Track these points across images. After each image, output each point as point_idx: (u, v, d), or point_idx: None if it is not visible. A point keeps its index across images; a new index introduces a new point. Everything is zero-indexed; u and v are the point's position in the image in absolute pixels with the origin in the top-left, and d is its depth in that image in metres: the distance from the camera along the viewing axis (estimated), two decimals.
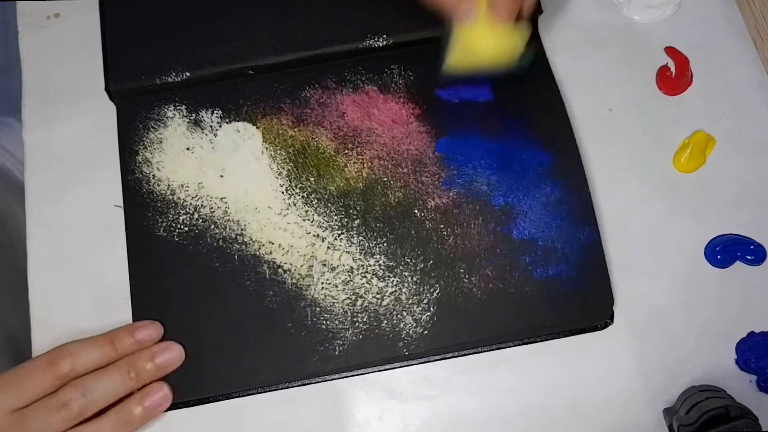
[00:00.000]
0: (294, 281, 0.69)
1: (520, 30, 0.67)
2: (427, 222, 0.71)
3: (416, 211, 0.71)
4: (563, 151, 0.72)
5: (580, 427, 0.68)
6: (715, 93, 0.76)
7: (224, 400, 0.68)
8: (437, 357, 0.69)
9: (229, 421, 0.68)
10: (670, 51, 0.77)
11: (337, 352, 0.68)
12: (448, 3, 0.64)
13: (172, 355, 0.67)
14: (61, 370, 0.63)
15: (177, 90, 0.75)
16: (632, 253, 0.72)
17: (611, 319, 0.69)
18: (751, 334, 0.70)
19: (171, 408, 0.67)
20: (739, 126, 0.75)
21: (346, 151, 0.73)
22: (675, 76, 0.76)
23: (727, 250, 0.71)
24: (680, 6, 0.78)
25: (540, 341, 0.69)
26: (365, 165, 0.72)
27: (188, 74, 0.74)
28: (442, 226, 0.70)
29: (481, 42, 0.67)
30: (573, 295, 0.69)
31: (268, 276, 0.70)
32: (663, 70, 0.76)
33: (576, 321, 0.69)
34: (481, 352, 0.69)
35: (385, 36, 0.74)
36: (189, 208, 0.72)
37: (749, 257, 0.71)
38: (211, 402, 0.68)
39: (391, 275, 0.69)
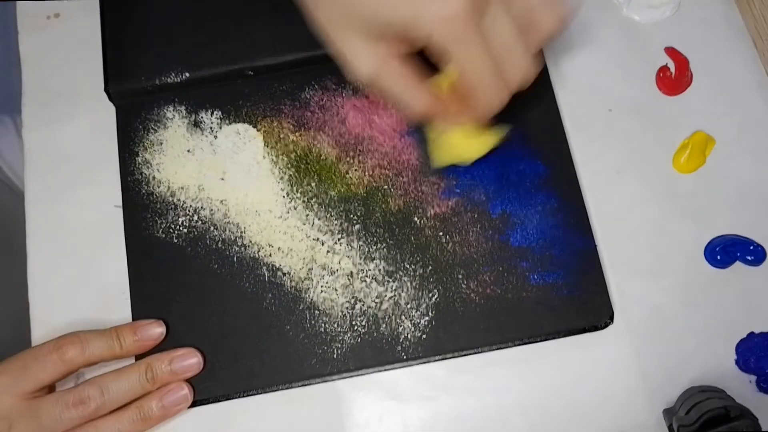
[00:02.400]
0: (293, 284, 0.70)
1: (498, 126, 0.68)
2: (426, 229, 0.71)
3: (416, 218, 0.71)
4: (558, 162, 0.73)
5: (580, 427, 0.68)
6: (715, 93, 0.76)
7: (224, 400, 0.68)
8: (437, 357, 0.69)
9: (229, 422, 0.68)
10: (670, 51, 0.76)
11: (335, 355, 0.68)
12: (424, 108, 0.63)
13: (191, 362, 0.68)
14: (68, 354, 0.64)
15: (176, 91, 0.75)
16: (632, 253, 0.72)
17: (611, 319, 0.69)
18: (751, 334, 0.70)
19: None
20: (739, 126, 0.75)
21: (348, 159, 0.73)
22: (675, 76, 0.76)
23: (726, 251, 0.71)
24: (680, 6, 0.78)
25: (540, 341, 0.69)
26: (366, 173, 0.72)
27: (188, 75, 0.74)
28: (441, 233, 0.71)
29: (462, 143, 0.67)
30: (570, 301, 0.69)
31: (267, 278, 0.70)
32: (663, 70, 0.76)
33: (574, 325, 0.69)
34: (481, 352, 0.69)
35: None
36: (188, 210, 0.72)
37: (749, 257, 0.71)
38: (211, 402, 0.68)
39: (391, 280, 0.70)
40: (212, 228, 0.71)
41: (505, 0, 0.57)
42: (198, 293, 0.70)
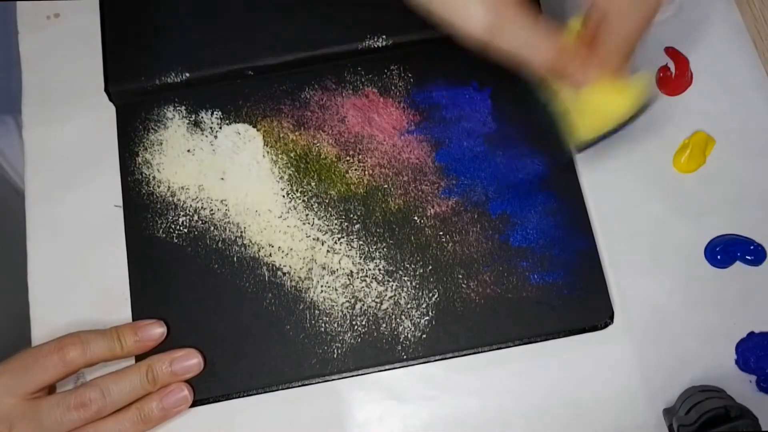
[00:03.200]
0: (293, 284, 0.70)
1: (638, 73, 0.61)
2: (426, 228, 0.71)
3: (416, 218, 0.71)
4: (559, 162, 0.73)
5: (580, 427, 0.68)
6: (715, 93, 0.76)
7: (224, 400, 0.68)
8: (437, 357, 0.69)
9: (229, 422, 0.69)
10: (670, 51, 0.76)
11: (335, 355, 0.68)
12: (559, 71, 0.58)
13: (191, 363, 0.68)
14: (69, 355, 0.64)
15: (176, 91, 0.75)
16: (632, 253, 0.72)
17: (611, 318, 0.69)
18: (751, 334, 0.70)
19: None
20: (739, 126, 0.75)
21: (348, 158, 0.73)
22: (675, 76, 0.76)
23: (727, 250, 0.71)
24: (680, 6, 0.78)
25: (540, 341, 0.69)
26: (366, 172, 0.72)
27: (188, 75, 0.74)
28: (441, 233, 0.71)
29: (606, 101, 0.60)
30: (570, 300, 0.69)
31: (267, 278, 0.70)
32: (663, 70, 0.76)
33: (574, 325, 0.69)
34: (481, 352, 0.69)
35: (384, 36, 0.74)
36: (189, 210, 0.72)
37: (749, 257, 0.71)
38: (211, 402, 0.68)
39: (391, 280, 0.70)
40: (212, 228, 0.71)
41: None
42: (198, 293, 0.70)
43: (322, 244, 0.71)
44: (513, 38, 0.56)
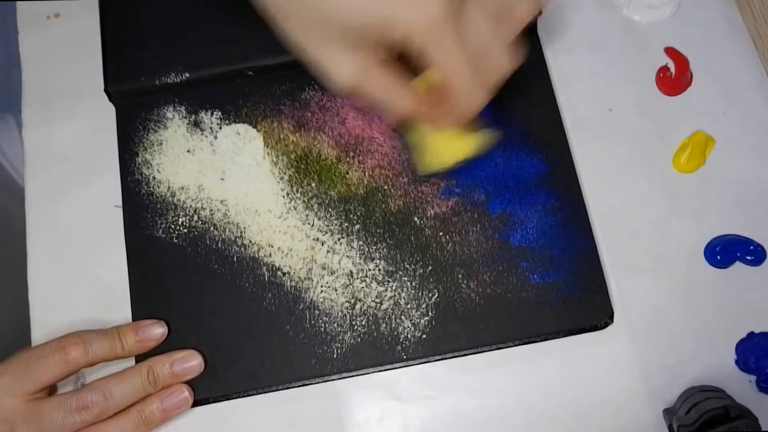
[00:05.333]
0: (293, 284, 0.70)
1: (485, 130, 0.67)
2: (426, 229, 0.71)
3: (416, 218, 0.71)
4: (558, 161, 0.73)
5: (580, 427, 0.68)
6: (715, 93, 0.76)
7: (224, 400, 0.68)
8: (437, 357, 0.69)
9: (229, 422, 0.69)
10: (670, 51, 0.76)
11: (335, 355, 0.68)
12: (408, 109, 0.62)
13: (192, 364, 0.68)
14: (71, 355, 0.64)
15: (176, 91, 0.75)
16: (632, 254, 0.72)
17: (611, 318, 0.69)
18: (751, 334, 0.70)
19: None
20: (739, 126, 0.75)
21: (348, 159, 0.73)
22: (675, 76, 0.76)
23: (726, 251, 0.71)
24: (680, 6, 0.78)
25: (540, 341, 0.69)
26: (366, 173, 0.72)
27: (188, 75, 0.74)
28: (440, 233, 0.71)
29: (445, 146, 0.66)
30: (570, 300, 0.69)
31: (267, 278, 0.70)
32: (663, 70, 0.76)
33: (574, 325, 0.69)
34: (481, 352, 0.69)
35: None
36: (188, 210, 0.72)
37: (749, 257, 0.71)
38: (211, 402, 0.68)
39: (391, 280, 0.70)
40: (212, 228, 0.71)
41: None
42: (198, 293, 0.70)
43: (322, 245, 0.71)
44: (376, 91, 0.60)
